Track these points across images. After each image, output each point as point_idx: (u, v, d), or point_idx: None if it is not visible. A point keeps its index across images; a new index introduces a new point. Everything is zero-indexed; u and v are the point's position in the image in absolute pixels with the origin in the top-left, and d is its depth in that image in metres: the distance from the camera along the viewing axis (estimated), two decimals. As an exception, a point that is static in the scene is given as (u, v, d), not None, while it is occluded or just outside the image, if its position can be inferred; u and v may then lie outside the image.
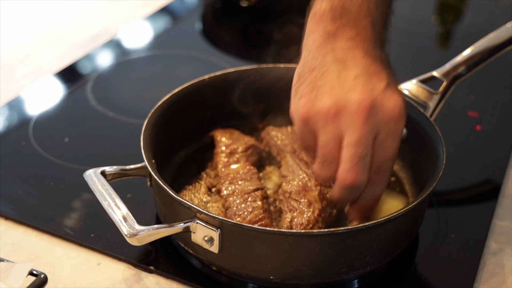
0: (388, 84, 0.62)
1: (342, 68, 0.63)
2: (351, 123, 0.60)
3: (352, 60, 0.63)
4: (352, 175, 0.61)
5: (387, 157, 0.63)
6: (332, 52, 0.64)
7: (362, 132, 0.60)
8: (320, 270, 0.65)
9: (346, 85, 0.62)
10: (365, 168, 0.62)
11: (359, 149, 0.61)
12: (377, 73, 0.63)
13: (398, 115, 0.62)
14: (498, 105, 1.01)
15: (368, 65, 0.63)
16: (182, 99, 0.82)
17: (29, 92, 1.02)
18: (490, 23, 0.98)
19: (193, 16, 1.36)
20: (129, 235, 0.62)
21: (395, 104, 0.62)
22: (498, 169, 0.88)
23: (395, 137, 0.63)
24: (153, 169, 0.69)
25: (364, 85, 0.61)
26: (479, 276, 0.71)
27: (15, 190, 0.80)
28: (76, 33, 1.21)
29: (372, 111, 0.61)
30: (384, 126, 0.62)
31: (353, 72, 0.62)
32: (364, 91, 0.61)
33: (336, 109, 0.61)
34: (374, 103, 0.61)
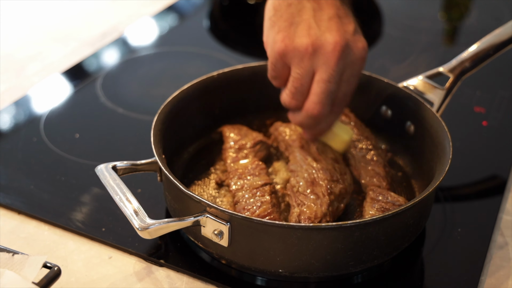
0: (356, 27, 0.70)
1: (317, 7, 0.70)
2: (325, 61, 0.68)
3: (325, 1, 0.70)
4: (319, 107, 0.69)
5: (349, 91, 0.72)
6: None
7: (334, 70, 0.68)
8: (328, 263, 0.66)
9: (321, 25, 0.69)
10: (330, 101, 0.70)
11: (329, 85, 0.69)
12: (346, 16, 0.70)
13: (364, 56, 0.70)
14: (504, 101, 1.02)
15: (339, 7, 0.70)
16: (191, 96, 0.83)
17: (39, 89, 1.03)
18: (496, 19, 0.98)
19: (201, 13, 1.37)
20: (140, 228, 0.63)
21: (362, 46, 0.70)
22: (504, 164, 0.88)
23: (358, 76, 0.71)
24: (163, 164, 0.70)
25: (338, 27, 0.69)
26: (486, 269, 0.72)
27: (27, 185, 0.82)
28: (85, 30, 1.22)
29: (344, 52, 0.68)
30: (351, 66, 0.69)
31: (327, 13, 0.69)
32: (338, 33, 0.68)
33: (313, 47, 0.68)
34: (346, 45, 0.68)
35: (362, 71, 0.72)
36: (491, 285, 0.70)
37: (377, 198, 0.73)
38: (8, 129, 0.94)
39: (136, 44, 1.20)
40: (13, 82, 1.05)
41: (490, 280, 0.71)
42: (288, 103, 0.72)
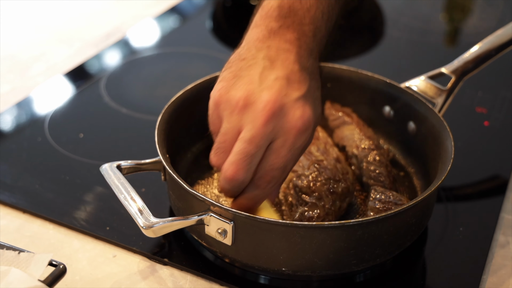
0: (304, 96, 0.63)
1: (269, 66, 0.63)
2: (252, 120, 0.61)
3: (281, 62, 0.63)
4: (233, 169, 0.62)
5: (276, 165, 0.63)
6: (267, 48, 0.64)
7: (258, 132, 0.61)
8: (331, 261, 0.66)
9: (264, 83, 0.62)
10: (249, 167, 0.62)
11: (249, 146, 0.61)
12: (298, 82, 0.63)
13: (300, 127, 0.62)
14: (506, 101, 1.03)
15: (293, 72, 0.63)
16: (195, 95, 0.83)
17: (44, 89, 1.04)
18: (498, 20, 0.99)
19: (204, 15, 1.37)
20: (145, 227, 0.64)
21: (301, 116, 0.62)
22: (506, 164, 0.89)
23: (291, 149, 0.63)
24: (168, 163, 0.71)
25: (280, 88, 0.62)
26: (487, 268, 0.73)
27: (32, 184, 0.82)
28: (89, 31, 1.23)
29: (275, 115, 0.61)
30: (282, 134, 0.62)
31: (276, 73, 0.63)
32: (276, 94, 0.61)
33: (245, 102, 0.62)
34: (280, 108, 0.61)
35: (300, 148, 0.64)
36: (493, 284, 0.71)
37: (379, 197, 0.73)
38: (12, 129, 0.95)
39: (139, 45, 1.21)
40: (17, 83, 1.06)
41: (492, 279, 0.71)
42: (212, 161, 0.65)
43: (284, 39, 0.64)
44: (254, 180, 0.64)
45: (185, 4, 1.38)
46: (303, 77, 0.63)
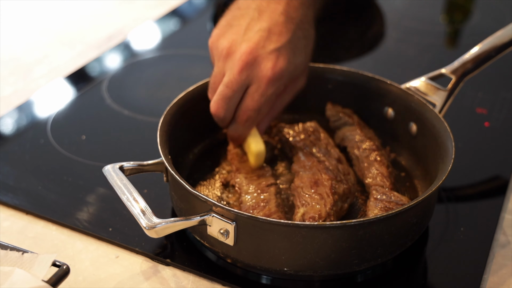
0: (281, 47, 0.71)
1: (257, 17, 0.72)
2: (231, 67, 0.72)
3: (269, 14, 0.72)
4: (215, 107, 0.75)
5: (251, 107, 0.73)
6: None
7: (234, 78, 0.72)
8: (333, 261, 0.67)
9: (247, 34, 0.72)
10: (227, 106, 0.74)
11: (226, 89, 0.73)
12: (279, 34, 0.71)
13: (270, 77, 0.71)
14: (506, 102, 1.03)
15: (277, 23, 0.71)
16: (196, 97, 0.84)
17: (46, 91, 1.05)
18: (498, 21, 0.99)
19: (205, 17, 1.38)
20: (147, 227, 0.64)
21: (272, 66, 0.71)
22: (506, 164, 0.89)
23: (263, 94, 0.72)
24: (170, 164, 0.71)
25: (259, 40, 0.71)
26: (488, 267, 0.73)
27: (35, 186, 0.83)
28: (91, 34, 1.24)
29: (250, 65, 0.71)
30: (256, 81, 0.72)
31: (260, 25, 0.72)
32: (253, 45, 0.71)
33: (228, 51, 0.73)
34: (254, 59, 0.71)
35: (271, 93, 0.73)
36: (493, 283, 0.71)
37: (380, 198, 0.74)
38: (15, 131, 0.95)
39: (141, 47, 1.22)
40: (20, 85, 1.06)
41: (493, 278, 0.72)
42: (208, 96, 0.78)
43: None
44: (235, 117, 0.75)
45: (186, 7, 1.39)
46: (286, 28, 0.71)
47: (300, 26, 0.73)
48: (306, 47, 0.75)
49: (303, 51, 0.75)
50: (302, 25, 0.73)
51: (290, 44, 0.72)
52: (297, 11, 0.73)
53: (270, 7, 0.72)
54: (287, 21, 0.72)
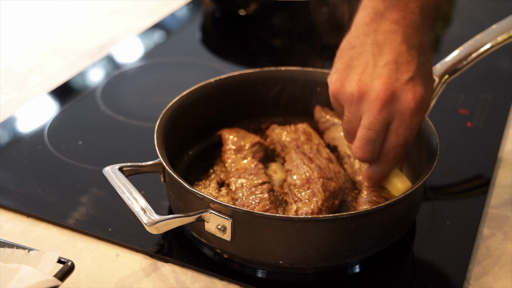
0: (414, 76, 0.68)
1: (378, 52, 0.69)
2: (368, 108, 0.68)
3: (389, 45, 0.69)
4: (360, 152, 0.71)
5: (397, 143, 0.70)
6: (374, 33, 0.69)
7: (375, 118, 0.68)
8: (326, 254, 0.70)
9: (374, 71, 0.68)
10: (372, 149, 0.70)
11: (369, 132, 0.69)
12: (407, 63, 0.68)
13: (414, 107, 0.68)
14: (487, 103, 1.07)
15: (401, 53, 0.68)
16: (190, 101, 0.87)
17: (41, 99, 1.07)
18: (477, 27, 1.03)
19: (194, 26, 1.41)
20: (148, 224, 0.67)
21: (413, 97, 0.67)
22: (488, 161, 0.93)
23: (408, 127, 0.69)
24: (167, 164, 0.74)
25: (390, 74, 0.68)
26: (473, 258, 0.76)
27: (34, 189, 0.85)
28: (83, 43, 1.26)
29: (389, 101, 0.67)
30: (399, 116, 0.68)
31: (384, 59, 0.68)
32: (387, 81, 0.67)
33: (359, 94, 0.68)
34: (393, 94, 0.67)
35: (416, 125, 0.70)
36: (478, 273, 0.74)
37: (371, 194, 0.77)
38: (13, 137, 0.98)
39: (132, 56, 1.24)
40: (15, 94, 1.09)
41: (477, 268, 0.75)
42: (345, 139, 0.75)
43: (390, 20, 0.69)
44: (381, 157, 0.72)
45: (174, 17, 1.42)
46: (411, 57, 0.68)
47: (421, 52, 0.70)
48: (431, 71, 0.73)
49: (431, 76, 0.73)
50: (422, 51, 0.70)
51: (419, 71, 0.69)
52: (415, 38, 0.69)
53: (388, 39, 0.69)
54: (409, 49, 0.69)
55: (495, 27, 0.91)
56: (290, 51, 1.28)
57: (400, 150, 0.71)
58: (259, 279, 0.73)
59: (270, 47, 1.31)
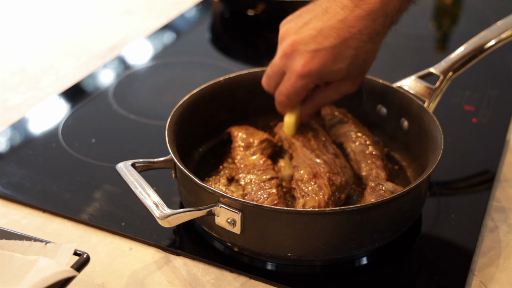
0: (322, 49, 0.76)
1: (319, 16, 0.77)
2: (278, 51, 0.81)
3: (329, 16, 0.76)
4: (262, 80, 0.85)
5: (281, 92, 0.82)
6: (332, 1, 0.76)
7: (275, 61, 0.81)
8: (333, 246, 0.72)
9: (302, 28, 0.77)
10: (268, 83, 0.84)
11: (269, 69, 0.83)
12: (325, 37, 0.76)
13: (299, 72, 0.78)
14: (492, 99, 1.09)
15: (330, 27, 0.75)
16: (200, 99, 0.89)
17: (55, 99, 1.10)
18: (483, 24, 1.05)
19: (202, 26, 1.44)
20: (161, 217, 0.69)
21: (303, 64, 0.77)
22: (493, 156, 0.95)
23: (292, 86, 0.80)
24: (179, 160, 0.76)
25: (306, 36, 0.76)
26: (478, 250, 0.78)
27: (50, 186, 0.88)
28: (94, 44, 1.29)
29: (288, 55, 0.78)
30: (288, 72, 0.80)
31: (315, 24, 0.76)
32: (297, 40, 0.77)
33: (281, 37, 0.81)
34: (292, 52, 0.77)
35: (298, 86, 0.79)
36: (483, 264, 0.76)
37: (376, 188, 0.79)
38: (28, 136, 1.00)
39: (143, 56, 1.27)
40: (29, 94, 1.11)
41: (482, 260, 0.77)
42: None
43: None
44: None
45: (184, 17, 1.44)
46: (336, 33, 0.75)
47: (357, 36, 0.74)
48: (355, 58, 0.77)
49: (347, 60, 0.77)
50: (359, 36, 0.74)
51: (333, 49, 0.75)
52: (358, 21, 0.73)
53: (333, 11, 0.75)
54: (342, 27, 0.74)
55: (499, 24, 0.93)
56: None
57: (283, 99, 0.82)
58: (268, 271, 0.75)
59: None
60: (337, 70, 0.78)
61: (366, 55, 0.78)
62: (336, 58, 0.76)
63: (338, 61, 0.77)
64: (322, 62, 0.76)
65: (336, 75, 0.79)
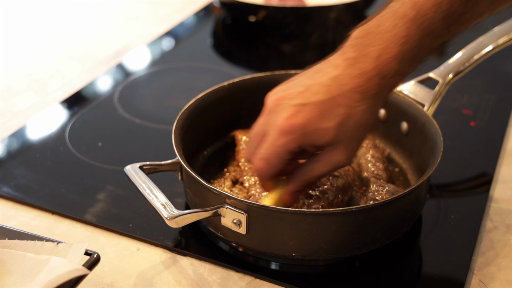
0: (308, 104, 0.67)
1: (310, 76, 0.70)
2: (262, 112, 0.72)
3: (320, 75, 0.69)
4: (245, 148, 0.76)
5: (260, 155, 0.70)
6: (325, 63, 0.70)
7: (257, 122, 0.72)
8: (336, 246, 0.74)
9: (291, 87, 0.70)
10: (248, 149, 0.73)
11: (252, 132, 0.73)
12: (314, 93, 0.67)
13: (282, 127, 0.68)
14: (490, 103, 1.11)
15: (320, 84, 0.68)
16: (205, 103, 0.91)
17: (61, 104, 1.12)
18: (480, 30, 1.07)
19: (204, 32, 1.46)
20: (169, 218, 0.71)
21: (287, 117, 0.67)
22: (491, 159, 0.97)
23: (273, 145, 0.69)
24: (185, 162, 0.78)
25: (293, 92, 0.69)
26: (477, 250, 0.80)
27: (58, 188, 0.90)
28: (99, 50, 1.31)
29: (272, 111, 0.70)
30: (270, 129, 0.69)
31: (305, 81, 0.69)
32: (284, 95, 0.69)
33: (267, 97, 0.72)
34: (277, 106, 0.69)
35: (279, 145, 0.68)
36: (481, 263, 0.78)
37: (378, 189, 0.81)
38: (35, 140, 1.02)
39: (147, 61, 1.29)
40: (36, 99, 1.13)
41: (481, 259, 0.79)
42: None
43: (343, 57, 0.68)
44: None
45: (187, 23, 1.47)
46: (326, 90, 0.67)
47: (348, 94, 0.67)
48: (345, 118, 0.67)
49: (336, 119, 0.67)
50: (351, 94, 0.67)
51: (321, 105, 0.67)
52: (351, 80, 0.67)
53: (325, 70, 0.68)
54: (332, 85, 0.67)
55: (497, 29, 0.96)
56: (299, 56, 1.33)
57: (260, 164, 0.70)
58: (273, 270, 0.77)
59: (279, 52, 1.36)
60: (324, 129, 0.67)
61: (359, 116, 0.68)
62: (324, 115, 0.67)
63: (325, 118, 0.67)
64: (307, 117, 0.67)
65: (323, 136, 0.68)
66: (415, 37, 0.67)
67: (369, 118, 0.69)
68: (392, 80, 0.68)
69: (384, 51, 0.67)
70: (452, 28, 0.70)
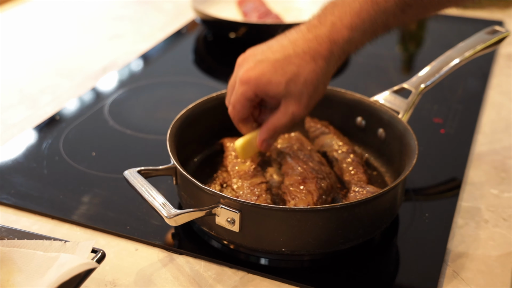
0: (265, 60, 0.81)
1: (279, 38, 0.84)
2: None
3: (285, 36, 0.83)
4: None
5: (230, 100, 0.86)
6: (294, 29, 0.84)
7: (232, 76, 0.87)
8: (323, 241, 0.80)
9: (260, 46, 0.85)
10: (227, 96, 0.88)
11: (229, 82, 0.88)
12: (273, 52, 0.81)
13: (240, 77, 0.82)
14: (458, 113, 1.19)
15: (279, 45, 0.82)
16: (196, 113, 0.97)
17: (54, 116, 1.16)
18: (446, 45, 1.15)
19: (188, 48, 1.52)
20: (168, 216, 0.76)
21: (245, 70, 0.82)
22: (460, 162, 1.04)
23: (236, 92, 0.84)
24: (180, 166, 0.84)
25: (259, 51, 0.83)
26: (450, 244, 0.87)
27: (56, 195, 0.94)
28: (87, 66, 1.36)
29: (239, 64, 0.85)
30: (236, 80, 0.84)
31: (271, 42, 0.84)
32: (251, 52, 0.84)
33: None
34: (243, 61, 0.84)
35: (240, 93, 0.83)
36: (454, 255, 0.85)
37: (358, 190, 0.87)
38: (31, 151, 1.07)
39: (134, 76, 1.35)
40: (29, 112, 1.18)
41: (454, 252, 0.86)
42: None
43: (308, 24, 0.83)
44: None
45: (170, 40, 1.53)
46: (282, 50, 0.81)
47: (301, 56, 0.80)
48: (295, 75, 0.80)
49: (286, 75, 0.80)
50: (303, 55, 0.80)
51: (275, 63, 0.80)
52: (304, 43, 0.80)
53: (290, 34, 0.83)
54: (289, 46, 0.81)
55: (462, 44, 1.04)
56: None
57: (230, 109, 0.86)
58: (263, 266, 0.83)
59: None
60: (276, 82, 0.80)
61: (307, 74, 0.80)
62: (277, 70, 0.80)
63: (277, 73, 0.80)
64: (262, 71, 0.80)
65: (276, 88, 0.81)
66: (368, 12, 0.80)
67: (318, 77, 0.81)
68: (343, 47, 0.81)
69: (338, 20, 0.80)
70: (407, 10, 0.82)
